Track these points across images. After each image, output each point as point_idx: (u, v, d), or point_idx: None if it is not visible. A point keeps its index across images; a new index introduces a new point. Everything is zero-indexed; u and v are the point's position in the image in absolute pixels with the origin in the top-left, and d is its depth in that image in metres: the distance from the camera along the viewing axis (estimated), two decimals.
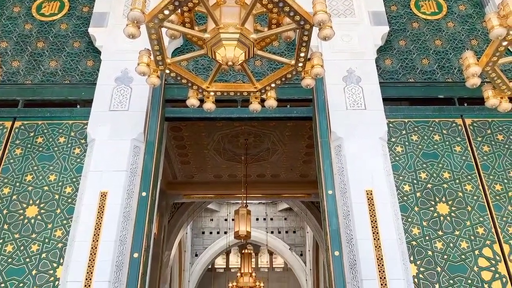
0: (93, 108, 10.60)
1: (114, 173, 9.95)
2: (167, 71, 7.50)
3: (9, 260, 9.34)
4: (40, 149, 10.58)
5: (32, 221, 9.80)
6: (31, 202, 9.98)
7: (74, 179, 10.19)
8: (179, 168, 18.45)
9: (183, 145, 16.83)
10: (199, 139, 16.56)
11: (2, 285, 9.06)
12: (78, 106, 11.46)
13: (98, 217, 9.44)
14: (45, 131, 10.80)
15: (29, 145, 10.60)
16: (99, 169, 9.94)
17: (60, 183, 10.17)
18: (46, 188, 10.12)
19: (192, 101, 8.18)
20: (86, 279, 8.86)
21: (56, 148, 10.57)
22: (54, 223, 9.77)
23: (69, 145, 10.62)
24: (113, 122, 10.38)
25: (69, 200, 9.97)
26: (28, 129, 10.82)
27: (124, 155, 10.09)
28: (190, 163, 18.13)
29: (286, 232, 29.01)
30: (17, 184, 10.14)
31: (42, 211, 9.90)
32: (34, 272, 9.29)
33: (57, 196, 10.03)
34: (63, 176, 10.28)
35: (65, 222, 9.77)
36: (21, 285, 9.13)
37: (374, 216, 9.54)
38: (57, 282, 9.15)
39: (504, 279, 9.35)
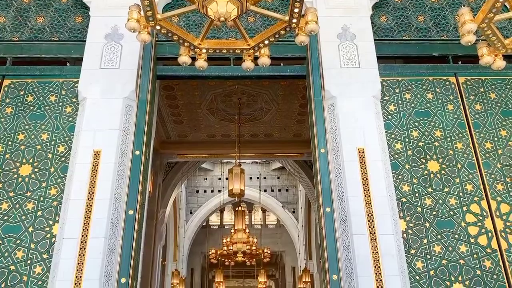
0: (84, 66, 10.42)
1: (107, 132, 9.92)
2: (158, 27, 7.33)
3: (5, 217, 9.45)
4: (31, 107, 10.47)
5: (26, 179, 9.84)
6: (24, 161, 9.99)
7: (66, 138, 10.16)
8: (172, 128, 18.41)
9: (176, 104, 16.72)
10: (191, 99, 16.44)
11: (0, 241, 9.21)
12: (68, 64, 11.26)
13: (92, 176, 9.49)
14: (36, 89, 10.65)
15: (19, 104, 10.47)
16: (92, 128, 9.90)
17: (52, 142, 10.14)
18: (38, 147, 10.10)
19: (184, 59, 8.04)
20: (82, 235, 9.02)
21: (47, 107, 10.47)
22: (49, 181, 9.82)
23: (61, 104, 10.51)
24: (104, 80, 10.24)
25: (63, 159, 9.98)
26: (18, 87, 10.65)
27: (116, 114, 10.03)
28: (183, 123, 18.08)
29: (279, 190, 29.48)
30: (9, 143, 10.10)
31: (36, 169, 9.92)
32: (30, 229, 9.43)
33: (50, 155, 10.03)
34: (55, 135, 10.24)
35: (59, 180, 9.82)
36: (18, 241, 9.28)
37: (366, 173, 9.69)
38: (53, 239, 9.31)
39: (490, 234, 9.65)
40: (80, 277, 8.68)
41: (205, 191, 28.75)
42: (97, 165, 9.60)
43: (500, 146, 10.29)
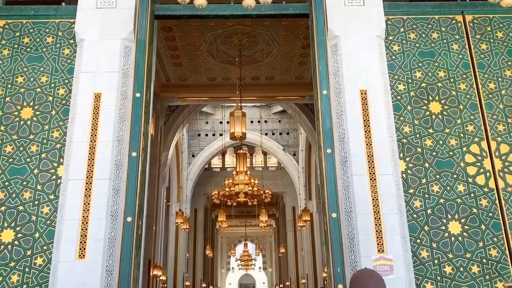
0: (79, 6, 10.11)
1: (106, 74, 9.80)
2: None
3: (10, 160, 9.58)
4: (28, 49, 10.28)
5: (28, 122, 9.87)
6: (25, 104, 9.96)
7: (66, 81, 10.06)
8: (172, 70, 18.17)
9: (175, 46, 16.38)
10: (191, 40, 16.09)
11: (6, 183, 9.40)
12: (63, 4, 10.91)
13: (94, 118, 9.50)
14: (31, 30, 10.40)
15: (16, 46, 10.27)
16: (91, 70, 9.78)
17: (52, 85, 10.06)
18: (38, 90, 10.03)
19: None
20: (87, 177, 9.18)
21: (44, 49, 10.28)
22: (51, 124, 9.85)
23: (58, 46, 10.30)
24: (101, 20, 9.97)
25: (63, 102, 9.95)
26: (13, 28, 10.40)
27: (115, 56, 9.86)
28: (183, 65, 17.81)
29: (280, 133, 29.58)
30: (9, 85, 10.02)
31: (37, 112, 9.92)
32: (36, 171, 9.59)
33: (50, 98, 9.99)
34: (54, 77, 10.13)
35: (61, 123, 9.85)
36: (24, 183, 9.48)
37: (367, 115, 9.68)
38: (59, 180, 9.49)
39: (488, 174, 9.80)
40: (87, 216, 8.94)
41: (206, 135, 28.87)
42: (98, 107, 9.58)
43: (504, 86, 10.19)
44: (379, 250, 8.89)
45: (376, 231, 9.01)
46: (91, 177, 9.18)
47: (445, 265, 9.33)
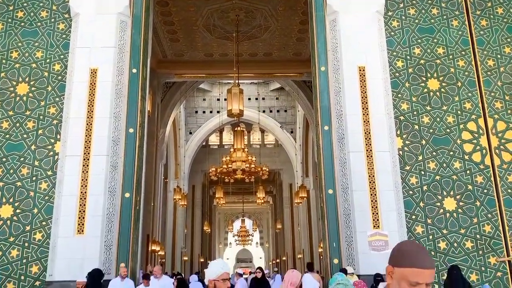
0: None
1: (102, 49, 9.69)
2: None
3: (7, 136, 9.55)
4: (22, 24, 10.12)
5: (24, 98, 9.80)
6: (20, 79, 9.87)
7: (61, 56, 9.95)
8: (168, 46, 17.96)
9: (171, 21, 16.14)
10: (187, 15, 15.84)
11: (4, 159, 9.40)
12: None
13: (90, 94, 9.45)
14: (25, 4, 10.22)
15: (9, 20, 10.11)
16: (87, 45, 9.66)
17: (47, 60, 9.95)
18: (34, 65, 9.92)
19: None
20: (85, 153, 9.19)
21: (39, 23, 10.12)
22: (47, 100, 9.79)
23: (53, 20, 10.15)
24: None
25: (59, 78, 9.86)
26: (6, 2, 10.21)
27: (111, 31, 9.74)
28: (179, 41, 17.59)
29: (278, 111, 29.47)
30: (3, 61, 9.91)
31: (33, 88, 9.84)
32: (33, 147, 9.58)
33: (46, 74, 9.90)
34: (50, 52, 10.01)
35: (57, 99, 9.78)
36: (22, 159, 9.48)
37: (365, 92, 9.65)
38: (56, 157, 9.50)
39: (484, 151, 9.86)
40: (85, 192, 8.99)
41: (204, 112, 28.73)
42: (94, 83, 9.51)
43: (502, 63, 10.14)
44: (374, 226, 9.01)
45: (372, 207, 9.11)
46: (89, 153, 9.18)
47: (439, 241, 9.48)
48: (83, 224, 8.75)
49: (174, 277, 6.94)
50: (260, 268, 6.99)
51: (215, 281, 2.70)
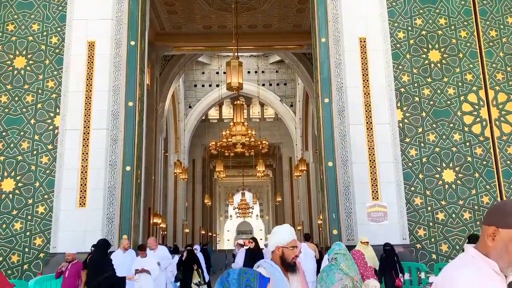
0: None
1: (100, 21, 9.55)
2: None
3: (6, 110, 9.51)
4: None
5: (22, 72, 9.72)
6: (17, 52, 9.76)
7: (58, 29, 9.81)
8: (166, 18, 17.68)
9: None
10: None
11: (4, 133, 9.39)
12: None
13: (88, 67, 9.37)
14: None
15: None
16: (83, 17, 9.50)
17: (44, 33, 9.81)
18: (30, 38, 9.79)
19: None
20: (84, 127, 9.18)
21: None
22: (45, 74, 9.71)
23: None
24: None
25: (57, 51, 9.75)
26: None
27: (108, 2, 9.54)
28: (177, 13, 17.30)
29: (277, 84, 29.24)
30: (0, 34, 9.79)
31: (31, 62, 9.75)
32: (32, 121, 9.56)
33: (43, 47, 9.78)
34: (46, 25, 9.87)
35: (55, 73, 9.70)
36: (22, 133, 9.48)
37: (366, 64, 9.56)
38: (56, 130, 9.50)
39: (484, 123, 9.85)
40: (86, 166, 9.03)
41: (203, 85, 28.50)
42: (92, 56, 9.41)
43: (505, 34, 10.01)
44: (373, 198, 9.09)
45: (371, 179, 9.17)
46: (88, 127, 9.17)
47: (437, 212, 9.58)
48: (84, 198, 8.82)
49: (185, 249, 7.09)
50: (253, 238, 6.96)
51: (284, 248, 2.52)
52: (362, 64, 9.50)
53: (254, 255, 6.44)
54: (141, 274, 6.30)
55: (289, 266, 2.49)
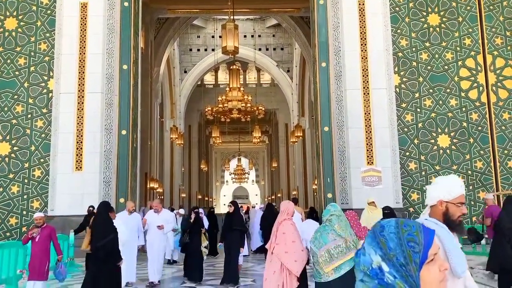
0: None
1: None
2: None
3: None
4: None
5: (14, 34, 9.52)
6: (8, 13, 9.53)
7: None
8: None
9: None
10: None
11: None
12: None
13: (81, 30, 9.17)
14: None
15: None
16: None
17: None
18: None
19: None
20: (79, 90, 9.08)
21: None
22: (37, 36, 9.52)
23: None
24: None
25: (48, 12, 9.51)
26: None
27: None
28: None
29: (274, 49, 28.82)
30: None
31: (22, 23, 9.52)
32: (26, 84, 9.44)
33: (34, 7, 9.53)
34: None
35: (48, 35, 9.50)
36: (16, 96, 9.37)
37: (364, 27, 9.41)
38: (50, 94, 9.39)
39: (481, 88, 9.83)
40: (81, 130, 8.99)
41: (198, 50, 28.05)
42: (85, 18, 9.20)
43: None
44: (368, 162, 9.16)
45: (367, 144, 9.21)
46: (83, 90, 9.08)
47: (431, 177, 9.69)
48: (81, 161, 8.84)
49: (192, 211, 6.96)
50: (233, 202, 6.73)
51: (449, 203, 2.00)
52: (361, 27, 9.36)
53: (231, 219, 6.37)
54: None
55: (454, 226, 2.00)
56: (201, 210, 9.21)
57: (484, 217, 6.40)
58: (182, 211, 9.39)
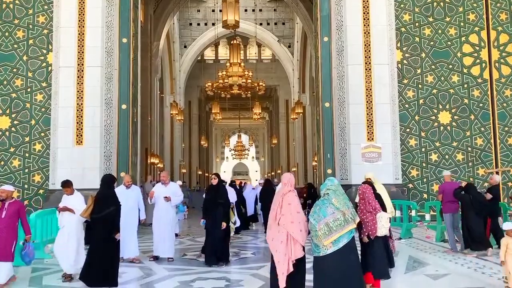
0: None
1: None
2: None
3: None
4: None
5: (11, 6, 9.34)
6: None
7: None
8: None
9: None
10: None
11: None
12: None
13: (80, 2, 8.98)
14: None
15: None
16: None
17: None
18: None
19: None
20: (78, 64, 9.00)
21: None
22: (35, 8, 9.35)
23: None
24: None
25: None
26: None
27: None
28: None
29: (275, 24, 28.40)
30: None
31: None
32: (25, 58, 9.35)
33: None
34: None
35: (46, 7, 9.33)
36: (15, 70, 9.30)
37: (367, 1, 9.21)
38: (50, 68, 9.31)
39: (484, 64, 9.75)
40: (81, 104, 8.95)
41: (198, 24, 27.67)
42: None
43: None
44: (368, 138, 9.16)
45: (367, 120, 9.19)
46: (82, 64, 8.99)
47: (431, 153, 9.72)
48: (81, 135, 8.84)
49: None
50: (216, 174, 6.42)
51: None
52: (363, 1, 9.23)
53: (216, 193, 6.08)
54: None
55: None
56: (249, 186, 8.95)
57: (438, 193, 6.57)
58: (179, 182, 9.41)
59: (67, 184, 5.21)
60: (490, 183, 6.77)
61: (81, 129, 8.83)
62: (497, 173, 9.26)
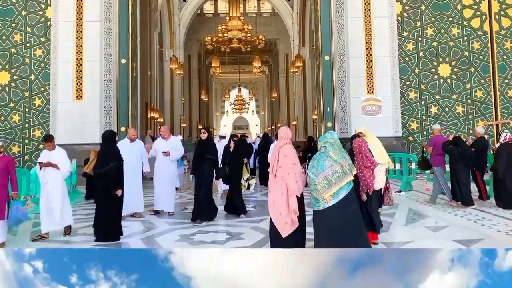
0: None
1: None
2: None
3: None
4: None
5: None
6: None
7: None
8: None
9: None
10: None
11: None
12: None
13: None
14: None
15: None
16: None
17: None
18: None
19: None
20: (77, 18, 8.93)
21: None
22: None
23: None
24: None
25: None
26: None
27: None
28: None
29: None
30: None
31: None
32: (23, 12, 9.26)
33: None
34: None
35: None
36: (13, 25, 9.23)
37: None
38: (49, 22, 9.24)
39: (484, 17, 9.64)
40: (81, 58, 8.96)
41: None
42: None
43: None
44: (368, 92, 9.22)
45: (367, 73, 9.21)
46: (81, 19, 8.92)
47: (431, 106, 9.81)
48: (81, 90, 8.90)
49: (231, 139, 6.36)
50: (205, 128, 6.26)
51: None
52: None
53: (206, 148, 5.99)
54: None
55: None
56: (249, 139, 8.90)
57: (428, 145, 6.69)
58: (180, 137, 9.54)
59: (49, 138, 4.99)
60: (475, 136, 6.89)
61: (81, 83, 8.89)
62: (496, 125, 9.38)
